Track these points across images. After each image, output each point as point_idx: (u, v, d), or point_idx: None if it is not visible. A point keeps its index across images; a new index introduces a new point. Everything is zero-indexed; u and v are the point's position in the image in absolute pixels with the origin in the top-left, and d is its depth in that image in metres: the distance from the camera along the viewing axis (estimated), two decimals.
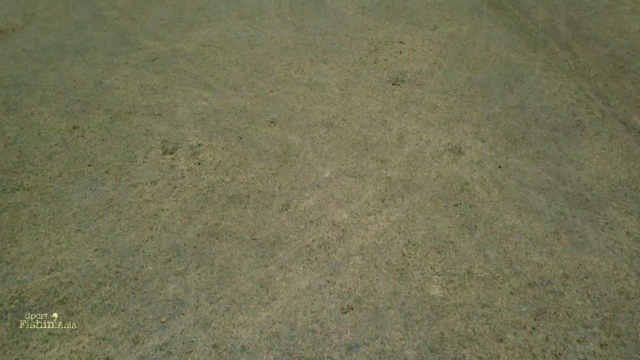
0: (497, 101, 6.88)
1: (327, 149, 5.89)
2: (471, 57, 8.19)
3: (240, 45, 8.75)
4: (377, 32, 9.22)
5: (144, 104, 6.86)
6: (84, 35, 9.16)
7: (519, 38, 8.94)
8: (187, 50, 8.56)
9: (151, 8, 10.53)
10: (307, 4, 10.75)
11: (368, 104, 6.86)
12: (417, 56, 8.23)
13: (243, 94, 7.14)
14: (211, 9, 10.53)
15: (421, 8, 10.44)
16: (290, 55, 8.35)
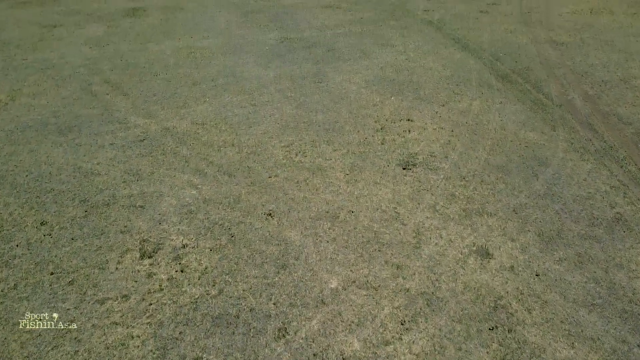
0: (521, 189, 6.24)
1: (333, 250, 5.14)
2: (486, 136, 7.70)
3: (237, 123, 8.31)
4: (382, 109, 8.84)
5: (126, 193, 6.21)
6: (71, 112, 8.76)
7: (535, 114, 8.54)
8: (179, 129, 8.10)
9: (145, 83, 10.29)
10: (308, 78, 10.54)
11: (377, 192, 6.22)
12: (428, 136, 7.74)
13: (238, 181, 6.52)
14: (208, 83, 10.29)
15: (428, 82, 10.20)
16: (290, 134, 7.86)
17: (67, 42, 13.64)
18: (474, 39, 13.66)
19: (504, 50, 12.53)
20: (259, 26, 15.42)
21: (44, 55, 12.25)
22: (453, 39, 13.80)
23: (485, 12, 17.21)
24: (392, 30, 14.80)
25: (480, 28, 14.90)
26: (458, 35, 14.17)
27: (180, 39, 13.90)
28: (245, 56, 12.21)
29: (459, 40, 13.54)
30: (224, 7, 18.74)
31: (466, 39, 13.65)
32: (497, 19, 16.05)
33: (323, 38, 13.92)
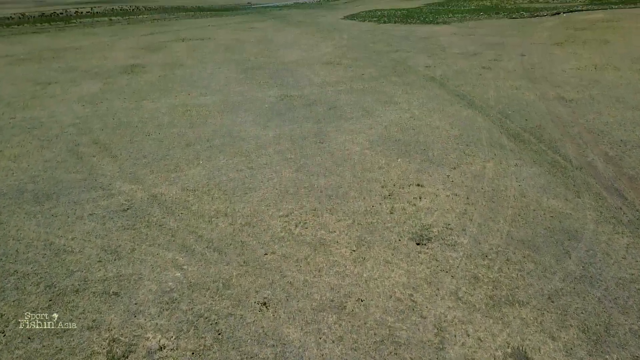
0: (554, 270, 5.50)
1: (340, 354, 4.32)
2: (506, 204, 7.06)
3: (231, 189, 7.70)
4: (389, 172, 8.28)
5: (100, 276, 5.46)
6: (51, 177, 8.19)
7: (555, 178, 7.96)
8: (168, 196, 7.48)
9: (135, 143, 9.82)
10: (309, 138, 10.09)
11: (389, 274, 5.47)
12: (441, 204, 7.10)
13: (229, 259, 5.79)
14: (202, 143, 9.82)
15: (435, 142, 9.73)
16: (289, 202, 7.23)
17: (59, 99, 13.39)
18: (479, 96, 13.43)
19: (511, 107, 12.23)
20: (258, 83, 15.31)
21: (33, 114, 11.91)
22: (458, 95, 13.58)
23: (488, 68, 17.23)
24: (394, 86, 14.66)
25: (485, 84, 14.75)
26: (463, 91, 13.98)
27: (176, 97, 13.68)
28: (243, 114, 11.88)
29: (464, 97, 13.30)
30: (224, 64, 18.85)
31: (471, 96, 13.42)
32: (501, 75, 15.99)
33: (324, 95, 13.70)
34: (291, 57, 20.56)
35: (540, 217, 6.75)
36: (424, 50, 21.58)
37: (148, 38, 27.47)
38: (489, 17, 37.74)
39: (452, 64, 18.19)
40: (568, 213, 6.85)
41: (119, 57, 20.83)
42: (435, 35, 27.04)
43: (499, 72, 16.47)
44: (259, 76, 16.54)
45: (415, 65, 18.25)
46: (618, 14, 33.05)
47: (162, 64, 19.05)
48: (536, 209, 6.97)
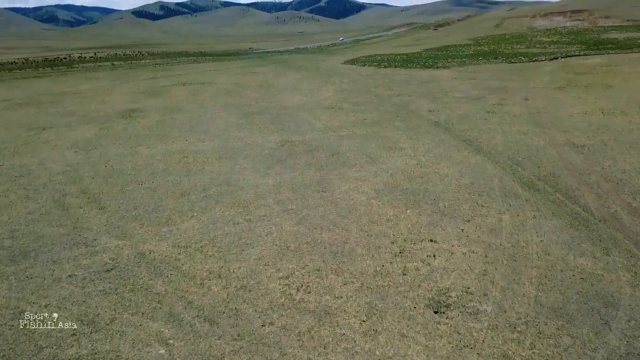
0: (595, 346, 4.82)
1: None
2: (529, 263, 6.44)
3: (227, 245, 7.10)
4: (398, 225, 7.70)
5: (71, 354, 4.77)
6: (32, 232, 7.60)
7: (579, 233, 7.37)
8: (158, 253, 6.86)
9: (127, 193, 9.31)
10: (311, 186, 9.60)
11: (406, 350, 4.78)
12: (458, 263, 6.48)
13: (221, 331, 5.11)
14: (198, 193, 9.31)
15: (445, 192, 9.22)
16: (290, 261, 6.61)
17: (52, 145, 13.03)
18: (486, 141, 13.07)
19: (521, 153, 11.83)
20: (259, 128, 15.03)
21: (22, 161, 11.49)
22: (464, 140, 13.23)
23: (492, 112, 17.04)
24: (398, 131, 14.35)
25: (491, 129, 14.46)
26: (469, 136, 13.65)
27: (174, 142, 13.33)
28: (242, 161, 11.45)
29: (471, 143, 12.94)
30: (225, 109, 18.70)
31: (478, 141, 13.07)
32: (506, 120, 15.75)
33: (326, 141, 13.36)
34: (292, 101, 20.49)
35: (569, 279, 6.11)
36: (426, 94, 21.57)
37: (149, 82, 27.70)
38: (488, 61, 38.42)
39: (455, 108, 18.03)
40: (599, 274, 6.22)
41: (118, 101, 20.77)
42: (436, 80, 27.26)
43: (504, 117, 16.24)
44: (259, 121, 16.31)
45: (418, 109, 18.09)
46: (616, 59, 33.59)
47: (161, 108, 18.91)
48: (563, 269, 6.34)
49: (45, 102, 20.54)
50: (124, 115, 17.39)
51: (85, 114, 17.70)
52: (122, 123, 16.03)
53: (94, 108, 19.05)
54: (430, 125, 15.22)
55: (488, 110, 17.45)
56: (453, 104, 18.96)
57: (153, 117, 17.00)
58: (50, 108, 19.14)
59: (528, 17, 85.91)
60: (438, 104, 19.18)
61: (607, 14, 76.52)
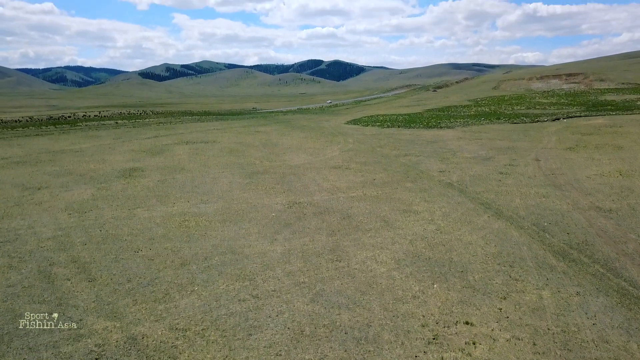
0: None
1: None
2: (587, 354, 5.52)
3: (231, 328, 6.20)
4: (427, 303, 6.84)
5: None
6: (9, 311, 6.74)
7: (633, 314, 6.52)
8: (152, 338, 5.95)
9: (121, 262, 8.49)
10: (324, 255, 8.80)
11: None
12: (504, 353, 5.58)
13: None
14: (199, 262, 8.49)
15: (472, 262, 8.42)
16: (306, 350, 5.70)
17: (45, 207, 12.35)
18: (505, 204, 12.44)
19: (546, 218, 11.15)
20: (264, 189, 14.45)
21: (11, 225, 10.76)
22: (482, 203, 12.59)
23: (505, 173, 16.57)
24: (410, 193, 13.75)
25: (508, 191, 13.88)
26: (486, 199, 13.04)
27: (174, 204, 12.68)
28: (247, 225, 10.73)
29: (489, 206, 12.30)
30: (228, 168, 18.27)
31: (497, 204, 12.44)
32: (522, 181, 15.23)
33: (336, 203, 12.72)
34: (297, 160, 20.13)
35: None
36: (434, 154, 21.27)
37: (151, 141, 27.59)
38: (491, 122, 38.82)
39: (466, 169, 17.59)
40: None
41: (118, 160, 20.40)
42: (442, 139, 27.19)
43: (519, 178, 15.74)
44: (264, 181, 15.78)
45: (428, 169, 17.65)
46: (618, 120, 33.90)
47: (162, 167, 18.47)
48: None
49: (43, 161, 20.15)
50: (123, 175, 16.89)
51: (84, 174, 17.20)
52: (121, 183, 15.47)
53: (93, 167, 18.61)
54: (443, 187, 14.65)
55: (501, 172, 16.99)
56: (463, 165, 18.56)
57: (154, 177, 16.48)
58: (48, 167, 18.69)
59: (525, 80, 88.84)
60: (448, 164, 18.79)
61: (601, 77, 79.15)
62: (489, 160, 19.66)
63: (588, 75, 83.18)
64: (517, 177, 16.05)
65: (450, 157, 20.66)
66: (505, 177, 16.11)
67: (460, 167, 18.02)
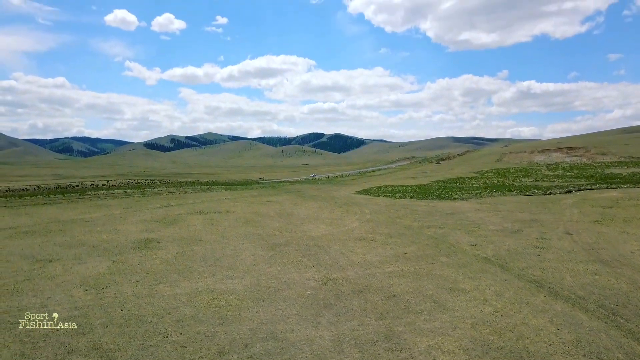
0: None
1: None
2: None
3: None
4: None
5: None
6: None
7: None
8: None
9: (149, 349, 7.38)
10: (380, 343, 7.73)
11: None
12: None
13: None
14: (239, 351, 7.39)
15: (553, 353, 7.34)
16: None
17: (58, 282, 11.35)
18: (557, 283, 11.46)
19: (610, 299, 10.15)
20: (291, 262, 13.50)
21: (22, 303, 9.72)
22: (531, 281, 11.61)
23: (542, 248, 15.68)
24: (449, 269, 12.78)
25: (554, 268, 12.93)
26: (533, 276, 12.07)
27: (198, 279, 11.67)
28: (283, 305, 9.70)
29: (541, 284, 11.31)
30: (247, 239, 17.39)
31: (548, 282, 11.46)
32: (563, 257, 14.31)
33: (373, 279, 11.73)
34: (318, 231, 19.30)
35: None
36: (458, 227, 20.48)
37: (163, 211, 26.91)
38: (503, 194, 38.46)
39: (498, 243, 16.71)
40: None
41: (131, 230, 19.56)
42: (459, 211, 26.51)
43: (559, 253, 14.82)
44: (289, 254, 14.85)
45: (458, 243, 16.77)
46: (634, 194, 33.56)
47: (178, 238, 17.60)
48: None
49: (53, 231, 19.30)
50: (139, 247, 15.98)
51: (97, 245, 16.29)
52: (137, 255, 14.53)
53: (105, 238, 17.73)
54: (482, 262, 13.71)
55: (536, 246, 16.12)
56: (493, 238, 17.72)
57: (171, 249, 15.57)
58: (59, 237, 17.81)
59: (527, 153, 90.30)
60: (476, 237, 17.95)
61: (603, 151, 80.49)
62: (518, 233, 18.85)
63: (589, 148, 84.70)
64: (555, 252, 15.15)
65: (476, 229, 19.87)
66: (543, 251, 15.21)
67: (490, 241, 17.16)
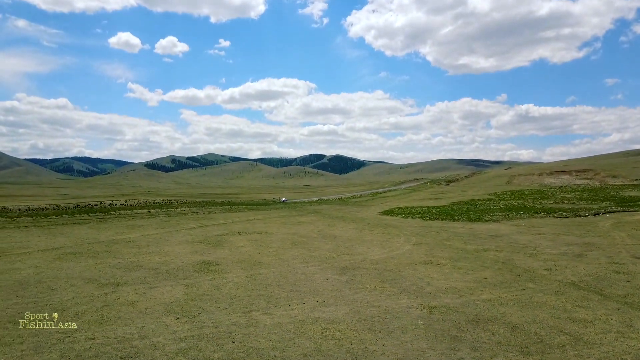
0: None
1: None
2: None
3: None
4: None
5: None
6: None
7: None
8: None
9: None
10: None
11: None
12: None
13: None
14: None
15: None
16: None
17: (140, 309, 10.40)
18: None
19: None
20: (374, 288, 12.56)
21: (117, 332, 8.78)
22: None
23: (623, 273, 14.81)
24: (548, 296, 11.83)
25: None
26: None
27: (290, 306, 10.75)
28: (406, 337, 8.79)
29: None
30: (308, 262, 16.44)
31: None
32: None
33: (477, 307, 10.83)
34: (375, 254, 18.39)
35: None
36: (514, 250, 19.59)
37: (199, 231, 25.96)
38: (531, 216, 37.57)
39: (571, 267, 15.81)
40: None
41: (180, 252, 18.61)
42: (502, 234, 25.61)
43: None
44: (363, 278, 13.95)
45: (530, 267, 15.88)
46: None
47: (235, 261, 16.67)
48: None
49: (99, 252, 18.32)
50: (200, 269, 15.05)
51: (154, 267, 15.34)
52: (205, 279, 13.59)
53: (158, 260, 16.78)
54: (574, 289, 12.85)
55: (616, 271, 15.26)
56: (561, 262, 16.86)
57: (236, 272, 14.64)
58: (109, 259, 16.84)
59: (535, 175, 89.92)
60: (543, 261, 17.10)
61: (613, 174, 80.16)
62: (583, 257, 17.99)
63: (598, 171, 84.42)
64: None
65: (535, 253, 19.02)
66: (629, 277, 14.36)
67: (561, 265, 16.29)
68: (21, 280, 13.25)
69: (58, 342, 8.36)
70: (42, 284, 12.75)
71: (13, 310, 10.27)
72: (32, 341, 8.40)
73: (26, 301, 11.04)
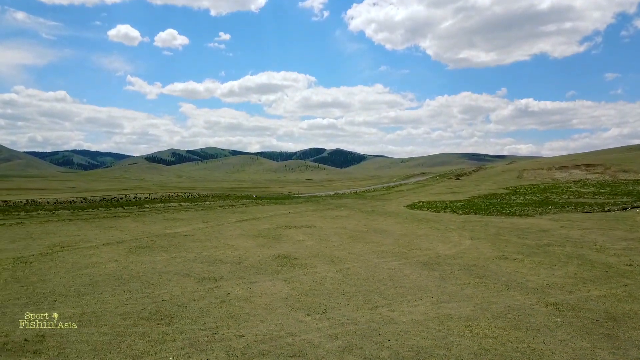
0: None
1: None
2: None
3: None
4: None
5: None
6: None
7: None
8: None
9: None
10: None
11: None
12: None
13: None
14: None
15: None
16: None
17: (261, 305, 10.12)
18: None
19: None
20: (476, 284, 12.28)
21: (259, 329, 8.46)
22: None
23: None
24: None
25: None
26: None
27: (409, 302, 10.49)
28: (565, 336, 8.54)
29: None
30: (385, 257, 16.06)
31: None
32: None
33: (597, 304, 10.60)
34: (442, 249, 18.15)
35: None
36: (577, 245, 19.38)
37: (246, 225, 25.65)
38: (560, 210, 37.38)
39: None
40: None
41: (247, 246, 18.30)
42: (546, 228, 25.36)
43: None
44: (456, 274, 13.73)
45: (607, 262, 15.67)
46: None
47: (310, 255, 16.38)
48: None
49: (165, 246, 17.97)
50: (284, 264, 14.77)
51: (236, 262, 15.02)
52: (299, 274, 13.29)
53: (232, 254, 16.46)
54: None
55: None
56: (634, 257, 16.61)
57: (322, 267, 14.35)
58: (182, 253, 16.50)
59: (545, 170, 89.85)
60: (613, 256, 16.93)
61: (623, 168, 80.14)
62: None
63: (609, 166, 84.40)
64: None
65: (600, 248, 18.80)
66: None
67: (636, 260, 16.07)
68: (114, 274, 12.89)
69: (209, 340, 8.04)
70: (138, 279, 12.40)
71: (141, 304, 9.93)
72: (183, 338, 8.09)
73: (138, 296, 10.71)
